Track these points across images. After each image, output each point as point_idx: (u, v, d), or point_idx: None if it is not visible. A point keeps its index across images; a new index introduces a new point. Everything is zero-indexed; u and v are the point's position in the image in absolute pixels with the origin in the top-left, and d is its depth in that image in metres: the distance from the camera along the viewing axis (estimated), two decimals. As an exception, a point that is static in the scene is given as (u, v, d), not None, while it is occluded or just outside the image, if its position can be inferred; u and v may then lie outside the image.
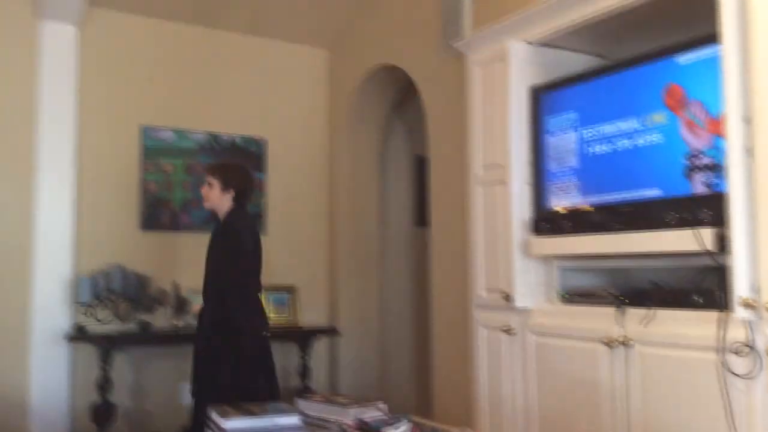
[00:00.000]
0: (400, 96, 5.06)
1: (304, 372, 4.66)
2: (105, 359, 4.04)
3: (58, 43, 4.25)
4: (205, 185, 3.52)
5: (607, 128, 2.88)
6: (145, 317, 4.26)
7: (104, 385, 4.03)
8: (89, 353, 4.15)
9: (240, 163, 3.88)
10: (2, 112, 4.15)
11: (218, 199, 3.46)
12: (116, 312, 4.20)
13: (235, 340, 3.34)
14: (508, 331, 3.19)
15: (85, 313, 4.17)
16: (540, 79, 3.23)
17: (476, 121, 3.46)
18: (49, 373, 4.09)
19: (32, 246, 4.12)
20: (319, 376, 4.85)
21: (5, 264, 4.09)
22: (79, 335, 4.10)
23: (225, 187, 3.45)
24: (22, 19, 4.20)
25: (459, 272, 3.69)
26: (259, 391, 3.35)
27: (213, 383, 3.30)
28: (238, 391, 3.27)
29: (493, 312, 3.30)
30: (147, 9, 4.50)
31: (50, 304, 4.13)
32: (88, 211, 4.30)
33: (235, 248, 3.37)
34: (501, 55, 3.28)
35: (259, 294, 3.46)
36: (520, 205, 3.20)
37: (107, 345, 4.03)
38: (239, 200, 3.49)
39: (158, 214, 4.53)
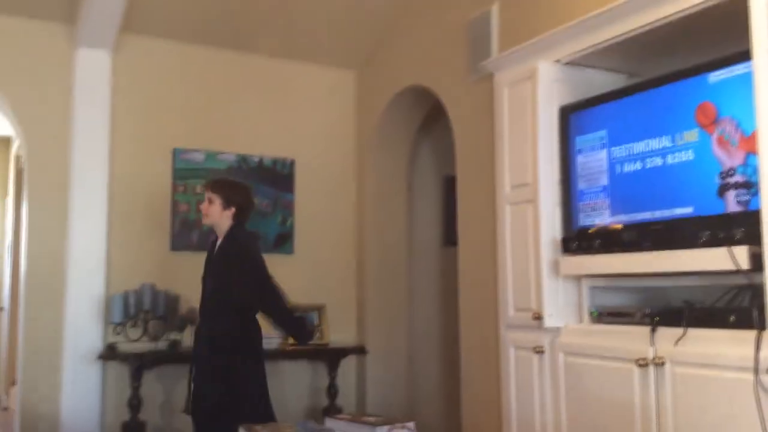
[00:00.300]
0: (427, 116, 5.09)
1: (333, 391, 4.65)
2: (135, 377, 4.08)
3: (93, 69, 4.34)
4: (204, 202, 3.49)
5: (638, 146, 2.87)
6: (175, 336, 4.29)
7: (135, 402, 4.06)
8: (120, 371, 4.19)
9: (240, 180, 3.88)
10: (39, 136, 4.25)
11: (218, 216, 3.44)
12: (147, 331, 4.24)
13: (254, 358, 3.34)
14: (537, 350, 3.17)
15: (117, 332, 4.22)
16: (568, 98, 3.23)
17: (504, 141, 3.47)
18: (81, 391, 4.13)
19: (66, 266, 4.19)
20: (347, 396, 4.83)
21: (40, 284, 4.17)
22: (110, 354, 4.14)
23: (226, 204, 3.43)
24: (58, 47, 4.30)
25: (488, 292, 3.68)
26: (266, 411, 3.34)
27: (231, 403, 3.24)
28: (256, 412, 3.25)
29: (523, 331, 3.28)
30: (178, 34, 4.59)
31: (83, 324, 4.18)
32: (120, 232, 4.36)
33: (252, 264, 3.35)
34: (529, 75, 3.29)
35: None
36: (549, 224, 3.19)
37: (138, 363, 4.07)
38: (239, 218, 3.46)
39: (188, 234, 4.59)
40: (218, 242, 3.50)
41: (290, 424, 2.77)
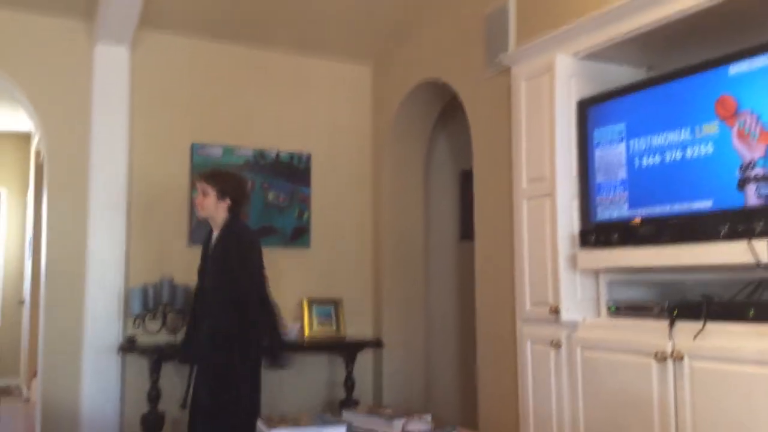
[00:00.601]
0: (443, 111, 5.08)
1: (349, 384, 4.67)
2: (154, 370, 4.12)
3: (111, 65, 4.37)
4: (198, 194, 3.45)
5: (657, 140, 2.86)
6: (194, 329, 4.32)
7: (154, 394, 4.11)
8: (139, 364, 4.24)
9: (235, 171, 3.81)
10: (58, 132, 4.29)
11: (213, 209, 3.41)
12: (165, 324, 4.28)
13: (253, 353, 3.28)
14: (554, 344, 3.17)
15: (136, 325, 4.27)
16: (586, 91, 3.22)
17: (522, 135, 3.46)
18: (101, 383, 4.18)
19: (85, 260, 4.24)
20: (364, 388, 4.86)
21: (60, 278, 4.22)
22: (129, 346, 4.19)
23: (221, 196, 3.40)
24: (77, 43, 4.34)
25: (504, 286, 3.68)
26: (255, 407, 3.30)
27: (230, 401, 3.20)
28: (248, 408, 3.23)
29: (540, 325, 3.27)
30: (195, 30, 4.62)
31: (102, 317, 4.23)
32: (139, 227, 4.40)
33: (250, 257, 3.33)
34: (547, 69, 3.28)
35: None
36: (567, 218, 3.18)
37: (157, 356, 4.11)
38: (234, 210, 3.43)
39: (206, 228, 4.60)
40: (214, 235, 3.46)
41: (307, 416, 2.79)
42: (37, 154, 7.21)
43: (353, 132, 5.16)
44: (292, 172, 4.91)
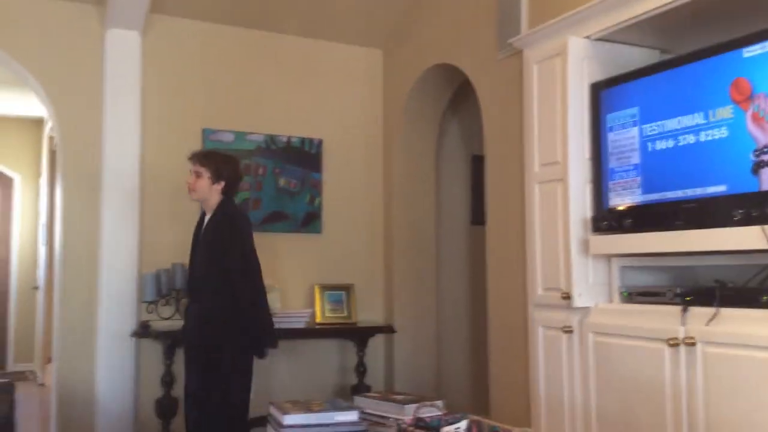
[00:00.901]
0: (455, 95, 5.05)
1: (361, 369, 4.68)
2: (168, 355, 4.15)
3: (123, 50, 4.37)
4: (191, 175, 3.36)
5: (670, 124, 2.83)
6: (206, 314, 4.35)
7: (167, 379, 4.14)
8: (153, 349, 4.26)
9: (229, 153, 3.70)
10: (71, 117, 4.30)
11: (207, 191, 3.33)
12: (179, 309, 4.31)
13: (251, 338, 3.24)
14: (566, 330, 3.16)
15: (149, 311, 4.29)
16: (599, 74, 3.18)
17: (533, 119, 3.43)
18: (115, 368, 4.22)
19: (99, 245, 4.26)
20: (375, 374, 4.88)
21: (74, 263, 4.24)
22: (143, 332, 4.22)
23: (215, 178, 3.32)
24: (88, 28, 4.34)
25: (516, 271, 3.67)
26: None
27: (221, 386, 3.18)
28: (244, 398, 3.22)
29: (552, 311, 3.26)
30: (204, 14, 4.60)
31: (116, 302, 4.25)
32: (151, 212, 4.42)
33: (243, 240, 3.25)
34: (559, 52, 3.24)
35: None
36: (579, 203, 3.16)
37: (170, 341, 4.13)
38: (228, 192, 3.36)
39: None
40: (207, 218, 3.40)
41: (319, 402, 2.80)
42: (50, 139, 7.25)
43: (364, 116, 5.14)
44: (304, 157, 4.90)
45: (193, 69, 4.62)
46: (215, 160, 3.38)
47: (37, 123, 7.92)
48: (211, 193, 3.34)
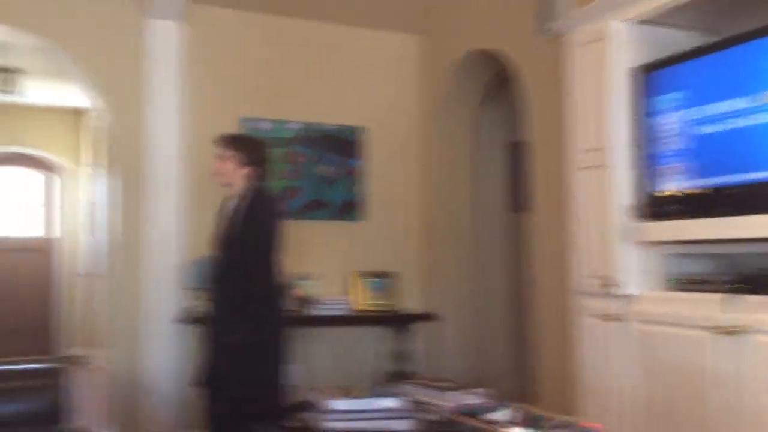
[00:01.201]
0: (493, 81, 5.01)
1: (402, 357, 4.70)
2: (211, 340, 4.21)
3: (163, 40, 4.44)
4: (217, 159, 3.25)
5: (716, 108, 2.77)
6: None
7: (211, 364, 4.21)
8: (196, 334, 4.34)
9: (258, 137, 3.51)
10: (114, 107, 4.37)
11: (233, 175, 3.22)
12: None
13: (279, 331, 3.19)
14: (610, 318, 3.12)
15: (193, 297, 4.36)
16: (642, 58, 3.12)
17: (576, 104, 3.39)
18: (160, 352, 4.30)
19: (143, 233, 4.34)
20: (416, 361, 4.89)
21: (120, 250, 4.34)
22: (186, 317, 4.29)
23: (243, 162, 3.21)
24: (130, 19, 4.40)
25: (560, 258, 3.64)
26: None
27: (251, 376, 3.09)
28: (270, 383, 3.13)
29: (596, 299, 3.23)
30: (243, 3, 4.64)
31: (160, 288, 4.33)
32: (194, 199, 4.47)
33: (273, 225, 3.18)
34: (601, 35, 3.19)
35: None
36: (623, 190, 3.12)
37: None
38: (256, 177, 3.24)
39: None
40: (232, 203, 3.28)
41: (361, 388, 2.83)
42: (94, 128, 7.38)
43: (402, 103, 5.13)
44: (341, 144, 4.91)
45: (231, 58, 4.66)
46: (241, 143, 3.28)
47: (80, 112, 8.07)
48: (236, 177, 3.23)
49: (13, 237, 8.22)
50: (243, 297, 3.11)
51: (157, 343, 4.30)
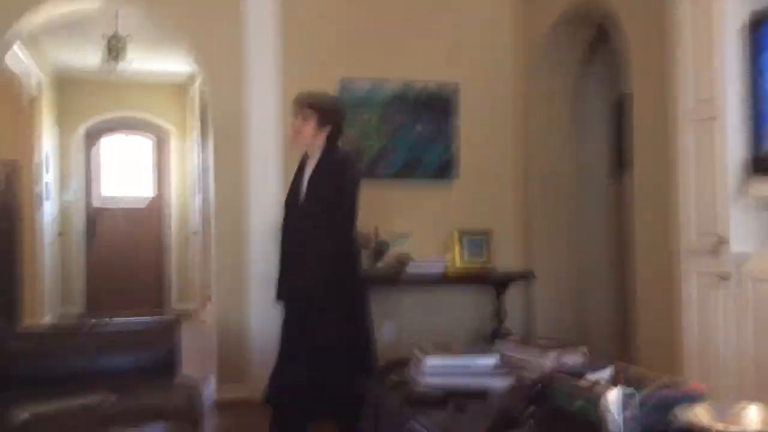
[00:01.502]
0: (596, 34, 4.80)
1: (500, 315, 4.67)
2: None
3: (260, 6, 4.52)
4: (297, 119, 3.18)
5: None
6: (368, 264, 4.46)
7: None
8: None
9: (333, 96, 3.39)
10: (217, 73, 4.52)
11: (312, 135, 3.17)
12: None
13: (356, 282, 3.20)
14: (722, 277, 2.97)
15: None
16: (758, 4, 2.90)
17: (686, 54, 3.19)
18: (265, 309, 4.43)
19: (248, 194, 4.49)
20: (514, 321, 4.84)
21: (227, 213, 4.52)
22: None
23: (322, 122, 3.15)
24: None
25: (666, 216, 3.49)
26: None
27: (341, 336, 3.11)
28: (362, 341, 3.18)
29: (705, 258, 3.08)
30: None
31: (264, 249, 4.47)
32: (293, 166, 4.56)
33: (356, 186, 3.15)
34: (714, -21, 2.98)
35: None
36: (737, 143, 2.93)
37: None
38: (334, 137, 3.19)
39: (363, 163, 4.70)
40: (310, 164, 3.23)
41: (460, 345, 2.83)
42: (201, 94, 7.65)
43: (502, 60, 5.02)
44: (439, 103, 4.87)
45: (329, 20, 4.68)
46: (321, 103, 3.22)
47: (189, 79, 8.36)
48: (316, 138, 3.18)
49: (128, 197, 8.69)
50: (329, 258, 3.09)
51: (261, 299, 4.44)
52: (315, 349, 3.12)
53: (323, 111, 3.18)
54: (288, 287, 3.27)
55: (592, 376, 2.03)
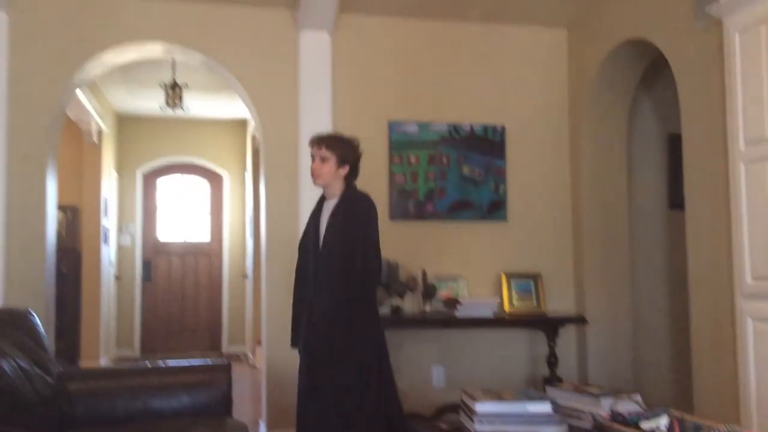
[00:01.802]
0: (647, 71, 4.77)
1: (552, 360, 4.58)
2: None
3: (315, 50, 4.62)
4: (316, 160, 3.16)
5: None
6: (396, 302, 4.49)
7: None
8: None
9: (350, 135, 3.36)
10: (270, 116, 4.61)
11: (332, 176, 3.16)
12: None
13: (377, 341, 3.07)
14: (782, 322, 2.88)
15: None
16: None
17: (737, 93, 3.15)
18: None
19: (297, 244, 4.52)
20: (567, 366, 4.74)
21: (278, 255, 4.53)
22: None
23: (341, 162, 3.14)
24: (283, 31, 4.63)
25: (721, 258, 3.40)
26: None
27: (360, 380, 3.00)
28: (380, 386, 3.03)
29: (763, 302, 2.99)
30: (389, 9, 4.73)
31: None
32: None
33: (374, 228, 3.10)
34: (764, 18, 2.95)
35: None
36: (794, 183, 2.87)
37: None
38: (352, 177, 3.19)
39: (405, 204, 4.75)
40: (329, 204, 3.21)
41: (511, 391, 2.79)
42: (253, 138, 7.83)
43: (549, 100, 5.02)
44: (487, 144, 4.88)
45: (378, 62, 4.78)
46: (340, 143, 3.20)
47: (242, 124, 8.60)
48: (336, 178, 3.18)
49: (182, 242, 8.89)
50: (355, 302, 3.02)
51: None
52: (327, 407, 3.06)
53: (342, 150, 3.18)
54: (303, 334, 3.23)
55: (646, 425, 1.98)
